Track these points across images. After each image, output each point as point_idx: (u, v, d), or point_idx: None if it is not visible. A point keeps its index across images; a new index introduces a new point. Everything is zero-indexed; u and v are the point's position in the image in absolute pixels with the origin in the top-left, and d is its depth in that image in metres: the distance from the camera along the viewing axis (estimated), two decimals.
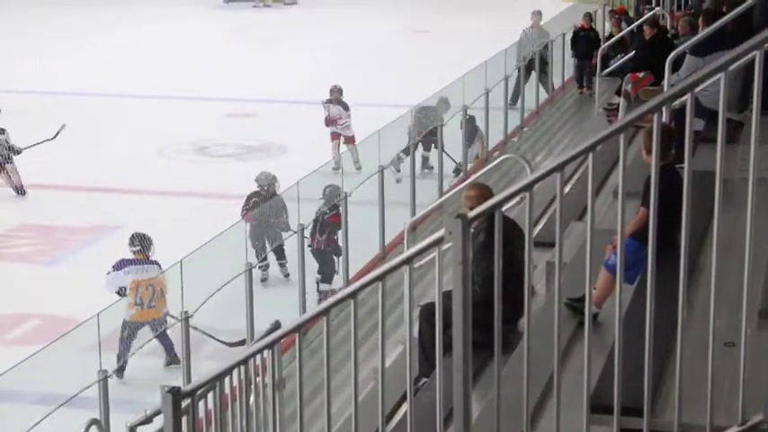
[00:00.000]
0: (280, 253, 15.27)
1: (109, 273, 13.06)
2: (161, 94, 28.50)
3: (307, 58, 32.88)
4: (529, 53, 21.97)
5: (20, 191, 20.29)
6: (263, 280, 14.87)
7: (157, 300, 12.72)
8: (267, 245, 15.10)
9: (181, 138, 24.11)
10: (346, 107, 21.72)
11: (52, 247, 17.68)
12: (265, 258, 14.98)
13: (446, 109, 18.76)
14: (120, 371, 11.80)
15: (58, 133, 20.53)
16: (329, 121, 21.63)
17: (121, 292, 12.86)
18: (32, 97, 28.23)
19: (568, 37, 22.46)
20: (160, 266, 12.87)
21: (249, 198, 15.98)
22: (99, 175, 20.96)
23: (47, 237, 18.11)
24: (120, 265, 13.03)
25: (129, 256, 13.18)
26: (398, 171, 17.33)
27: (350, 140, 21.22)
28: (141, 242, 13.19)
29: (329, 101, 21.72)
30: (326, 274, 14.69)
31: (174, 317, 11.73)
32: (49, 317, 14.57)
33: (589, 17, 22.31)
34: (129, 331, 12.60)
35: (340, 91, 21.72)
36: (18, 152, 20.47)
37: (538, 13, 23.52)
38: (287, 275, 15.16)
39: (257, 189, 16.04)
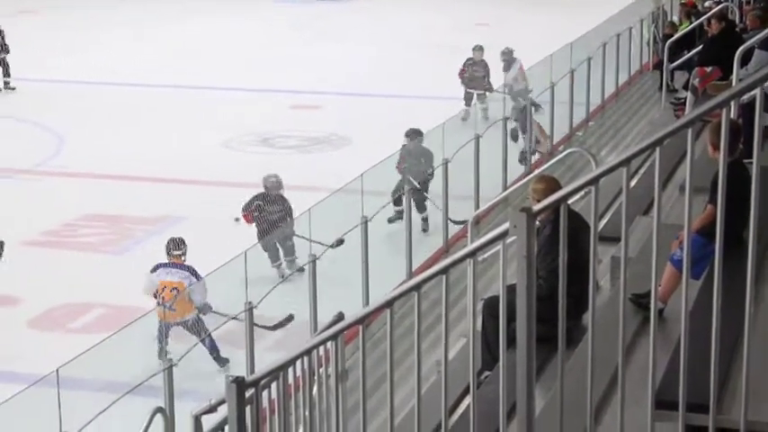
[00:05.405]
0: (290, 251, 15.26)
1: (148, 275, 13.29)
2: (225, 86, 28.66)
3: (367, 50, 32.90)
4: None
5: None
6: (282, 276, 14.84)
7: (178, 303, 12.74)
8: (279, 248, 15.25)
9: (246, 130, 24.24)
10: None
11: (119, 237, 17.84)
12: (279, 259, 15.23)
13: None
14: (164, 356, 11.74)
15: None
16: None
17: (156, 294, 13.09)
18: (94, 88, 28.53)
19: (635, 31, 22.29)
20: (193, 272, 13.00)
21: (252, 201, 15.86)
22: (164, 167, 21.13)
23: (114, 227, 18.27)
24: (156, 267, 13.26)
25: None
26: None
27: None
28: (177, 246, 13.39)
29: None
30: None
31: (210, 310, 12.12)
32: (113, 306, 14.70)
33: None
34: (160, 328, 12.48)
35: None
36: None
37: None
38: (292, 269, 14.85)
39: (263, 192, 15.91)
